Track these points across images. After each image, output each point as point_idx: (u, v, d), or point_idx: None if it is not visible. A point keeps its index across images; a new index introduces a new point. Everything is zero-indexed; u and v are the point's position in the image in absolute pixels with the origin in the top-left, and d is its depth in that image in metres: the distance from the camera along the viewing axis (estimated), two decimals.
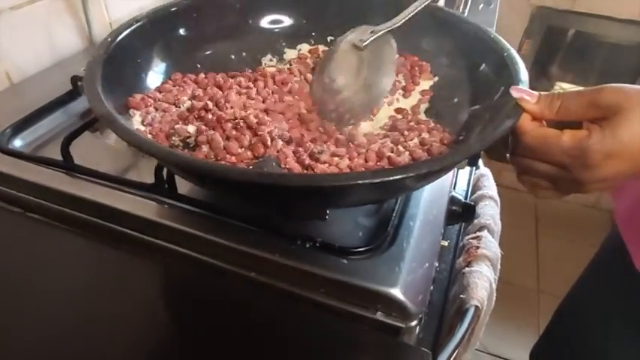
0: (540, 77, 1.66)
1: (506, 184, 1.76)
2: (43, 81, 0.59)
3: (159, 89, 0.46)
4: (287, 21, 0.55)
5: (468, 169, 0.67)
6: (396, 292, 0.35)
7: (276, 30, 0.55)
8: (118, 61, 0.41)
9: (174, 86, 0.47)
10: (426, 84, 0.50)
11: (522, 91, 0.35)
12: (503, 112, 0.35)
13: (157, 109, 0.43)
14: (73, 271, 0.52)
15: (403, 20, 0.47)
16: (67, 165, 0.45)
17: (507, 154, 0.37)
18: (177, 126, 0.42)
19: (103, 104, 0.34)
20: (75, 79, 0.56)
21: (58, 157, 0.45)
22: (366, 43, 0.48)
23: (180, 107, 0.45)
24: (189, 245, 0.41)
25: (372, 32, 0.49)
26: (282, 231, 0.39)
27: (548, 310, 0.75)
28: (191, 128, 0.42)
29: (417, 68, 0.51)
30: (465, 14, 0.97)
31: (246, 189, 0.32)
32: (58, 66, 0.64)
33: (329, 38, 0.55)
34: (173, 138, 0.42)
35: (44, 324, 0.36)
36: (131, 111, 0.42)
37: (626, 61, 1.46)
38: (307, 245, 0.38)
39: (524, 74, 0.38)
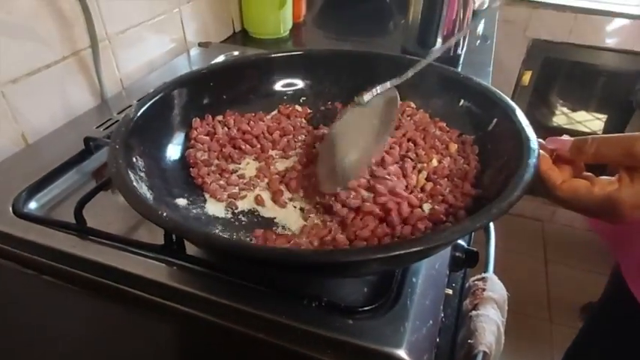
0: (540, 105, 1.68)
1: (512, 210, 1.76)
2: (57, 141, 0.62)
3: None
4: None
5: None
6: (402, 353, 0.35)
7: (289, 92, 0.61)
8: (138, 138, 0.45)
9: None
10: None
11: (557, 141, 0.38)
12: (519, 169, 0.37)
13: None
14: (87, 331, 0.53)
15: (404, 79, 0.49)
16: (80, 228, 0.47)
17: None
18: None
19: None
20: (87, 140, 0.58)
21: (71, 218, 0.47)
22: (368, 99, 0.49)
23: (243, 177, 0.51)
24: (197, 306, 0.41)
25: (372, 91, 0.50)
26: (288, 290, 0.40)
27: (562, 342, 0.74)
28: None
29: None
30: (462, 52, 1.00)
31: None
32: (72, 124, 0.66)
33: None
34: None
35: None
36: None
37: (623, 87, 1.48)
38: (313, 305, 0.39)
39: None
